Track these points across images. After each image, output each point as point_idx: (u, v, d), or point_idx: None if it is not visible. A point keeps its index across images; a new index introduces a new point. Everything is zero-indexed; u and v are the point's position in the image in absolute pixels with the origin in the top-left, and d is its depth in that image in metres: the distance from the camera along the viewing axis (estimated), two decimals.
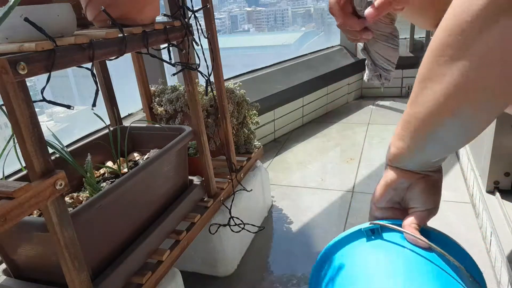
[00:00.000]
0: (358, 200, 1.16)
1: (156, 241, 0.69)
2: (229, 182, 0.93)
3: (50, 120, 1.36)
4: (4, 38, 0.45)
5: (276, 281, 0.88)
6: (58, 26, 0.48)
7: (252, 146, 1.08)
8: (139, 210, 0.68)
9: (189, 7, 0.73)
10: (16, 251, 0.57)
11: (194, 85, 0.76)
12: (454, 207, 1.07)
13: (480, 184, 1.00)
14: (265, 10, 5.35)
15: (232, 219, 0.88)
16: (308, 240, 1.01)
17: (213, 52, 0.84)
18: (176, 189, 0.79)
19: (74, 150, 0.76)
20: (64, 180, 0.45)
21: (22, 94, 0.40)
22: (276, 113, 1.66)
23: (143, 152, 0.87)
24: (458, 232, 0.95)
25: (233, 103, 1.01)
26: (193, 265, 0.91)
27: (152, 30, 0.62)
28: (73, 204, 0.66)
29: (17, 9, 0.42)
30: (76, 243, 0.48)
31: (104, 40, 0.52)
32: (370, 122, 1.78)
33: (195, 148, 0.96)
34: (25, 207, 0.40)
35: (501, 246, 0.78)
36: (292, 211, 1.14)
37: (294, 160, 1.47)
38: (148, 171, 0.67)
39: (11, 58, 0.39)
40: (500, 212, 0.87)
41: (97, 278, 0.57)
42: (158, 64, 1.25)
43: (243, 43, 3.19)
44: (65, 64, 0.46)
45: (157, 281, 0.66)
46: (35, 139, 0.42)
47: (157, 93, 1.05)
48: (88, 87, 1.22)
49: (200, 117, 0.79)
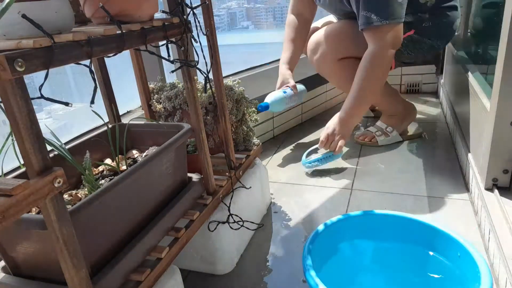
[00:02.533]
0: (357, 197, 1.16)
1: (155, 238, 0.69)
2: (228, 179, 0.93)
3: (48, 117, 1.35)
4: (2, 35, 0.45)
5: (276, 278, 0.88)
6: (56, 23, 0.48)
7: (251, 144, 1.08)
8: (138, 207, 0.68)
9: (188, 4, 0.72)
10: (14, 249, 0.57)
11: (193, 82, 0.76)
12: (453, 204, 1.08)
13: (479, 181, 1.00)
14: (264, 7, 5.36)
15: (231, 216, 0.88)
16: (306, 237, 1.01)
17: (212, 49, 0.84)
18: (175, 186, 0.79)
19: (73, 148, 0.76)
20: (63, 178, 0.45)
21: (20, 91, 0.40)
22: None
23: (142, 150, 0.87)
24: (456, 229, 0.95)
25: (232, 101, 1.01)
26: (192, 262, 0.91)
27: (150, 27, 0.62)
28: (71, 201, 0.66)
29: (15, 6, 0.42)
30: (75, 240, 0.48)
31: (102, 37, 0.52)
32: (370, 119, 1.78)
33: (194, 145, 0.96)
34: (24, 204, 0.40)
35: (499, 244, 0.78)
36: (291, 208, 1.14)
37: (294, 158, 1.47)
38: (147, 169, 0.67)
39: (9, 55, 0.39)
40: (499, 210, 0.88)
41: (96, 275, 0.57)
42: (157, 61, 1.25)
43: (242, 40, 3.19)
44: (63, 61, 0.46)
45: (156, 278, 0.66)
46: (33, 136, 0.42)
47: (155, 90, 1.04)
48: (87, 84, 1.22)
49: (199, 114, 0.79)
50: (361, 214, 0.75)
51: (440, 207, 1.07)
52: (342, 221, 0.73)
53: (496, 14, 1.24)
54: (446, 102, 1.71)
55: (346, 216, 0.74)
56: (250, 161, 1.06)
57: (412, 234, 0.71)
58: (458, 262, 0.64)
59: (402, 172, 1.28)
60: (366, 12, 1.19)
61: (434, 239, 0.69)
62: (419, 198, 1.12)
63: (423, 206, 1.08)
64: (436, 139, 1.53)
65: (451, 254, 0.66)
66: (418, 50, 1.42)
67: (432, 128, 1.63)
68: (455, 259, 0.65)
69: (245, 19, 4.20)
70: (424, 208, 1.07)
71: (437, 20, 1.35)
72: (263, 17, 4.56)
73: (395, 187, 1.19)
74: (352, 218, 0.74)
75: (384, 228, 0.74)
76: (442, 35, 1.39)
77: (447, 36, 1.41)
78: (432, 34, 1.37)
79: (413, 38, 1.37)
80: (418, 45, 1.39)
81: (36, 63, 0.42)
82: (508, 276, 0.71)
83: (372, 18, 1.19)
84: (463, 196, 1.11)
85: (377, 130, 1.52)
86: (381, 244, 0.74)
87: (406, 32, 1.35)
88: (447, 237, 0.67)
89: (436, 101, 1.96)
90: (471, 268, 0.60)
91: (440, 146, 1.47)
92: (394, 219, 0.73)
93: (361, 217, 0.74)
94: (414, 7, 1.32)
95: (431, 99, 1.99)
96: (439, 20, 1.35)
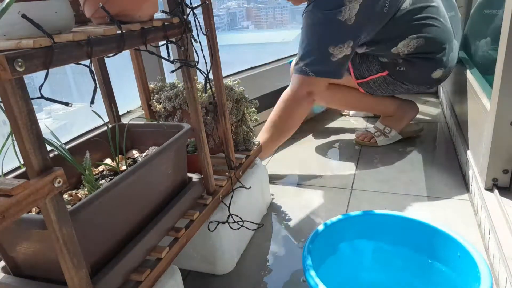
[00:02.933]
0: (357, 197, 1.16)
1: (155, 238, 0.69)
2: (228, 179, 0.93)
3: (48, 117, 1.35)
4: (2, 35, 0.45)
5: (276, 278, 0.88)
6: (56, 22, 0.48)
7: (251, 144, 1.08)
8: (138, 207, 0.68)
9: (188, 4, 0.72)
10: (14, 249, 0.57)
11: (193, 82, 0.76)
12: (453, 204, 1.08)
13: (479, 181, 1.00)
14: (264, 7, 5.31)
15: (231, 216, 0.88)
16: (306, 237, 1.01)
17: (212, 49, 0.84)
18: (175, 186, 0.79)
19: (73, 148, 0.76)
20: (63, 178, 0.45)
21: (20, 91, 0.40)
22: None
23: (142, 150, 0.87)
24: (456, 229, 0.95)
25: (232, 101, 1.01)
26: (192, 262, 0.91)
27: (150, 27, 0.62)
28: (71, 201, 0.66)
29: (15, 6, 0.42)
30: (75, 240, 0.48)
31: (102, 37, 0.52)
32: (370, 119, 1.78)
33: (194, 145, 0.96)
34: (24, 204, 0.40)
35: (499, 244, 0.78)
36: (291, 208, 1.14)
37: (293, 158, 1.47)
38: (147, 169, 0.67)
39: (9, 55, 0.39)
40: (499, 210, 0.88)
41: (96, 275, 0.57)
42: (157, 61, 1.25)
43: (242, 40, 3.18)
44: (63, 61, 0.46)
45: (156, 278, 0.66)
46: (33, 136, 0.42)
47: (155, 90, 1.04)
48: (87, 84, 1.22)
49: (199, 114, 0.79)
50: (361, 214, 0.75)
51: (440, 207, 1.07)
52: (342, 221, 0.73)
53: (496, 14, 1.24)
54: (446, 102, 1.71)
55: (346, 216, 0.74)
56: (250, 161, 1.06)
57: (412, 234, 0.71)
58: (458, 262, 0.64)
59: (402, 172, 1.28)
60: (299, 54, 1.20)
61: (434, 239, 0.69)
62: (419, 198, 1.12)
63: (423, 206, 1.08)
64: (436, 139, 1.53)
65: (451, 254, 0.66)
66: (393, 91, 1.39)
67: (432, 128, 1.63)
68: (455, 259, 0.65)
69: (245, 19, 4.20)
70: (424, 208, 1.07)
71: (411, 68, 1.30)
72: (263, 17, 4.56)
73: (395, 187, 1.19)
74: (352, 218, 0.74)
75: (384, 228, 0.73)
76: (418, 81, 1.34)
77: (425, 84, 1.36)
78: (407, 79, 1.33)
79: (387, 80, 1.34)
80: (392, 86, 1.37)
81: (36, 63, 0.42)
82: (508, 276, 0.71)
83: (298, 63, 1.20)
84: (463, 196, 1.11)
85: (376, 131, 1.52)
86: (381, 244, 0.74)
87: (379, 72, 1.33)
88: (447, 237, 0.67)
89: (436, 101, 1.96)
90: (471, 268, 0.60)
91: (440, 146, 1.47)
92: (394, 219, 0.73)
93: (361, 217, 0.74)
94: (388, 55, 1.29)
95: (431, 99, 1.99)
96: (414, 68, 1.30)
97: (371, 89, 1.40)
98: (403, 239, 0.72)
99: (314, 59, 1.19)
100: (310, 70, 1.20)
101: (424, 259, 0.71)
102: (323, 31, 1.17)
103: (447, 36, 1.29)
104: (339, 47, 1.17)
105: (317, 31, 1.18)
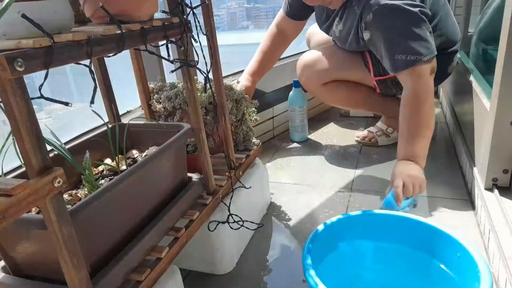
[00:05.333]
0: (357, 198, 1.16)
1: (155, 238, 0.69)
2: (228, 179, 0.93)
3: (48, 117, 1.35)
4: (2, 35, 0.45)
5: (276, 278, 0.88)
6: (56, 22, 0.48)
7: (251, 144, 1.08)
8: (138, 207, 0.68)
9: (188, 4, 0.72)
10: (14, 249, 0.57)
11: (193, 82, 0.76)
12: (453, 204, 1.08)
13: (479, 181, 1.00)
14: (264, 7, 5.29)
15: (231, 216, 0.88)
16: (306, 237, 1.01)
17: (212, 49, 0.84)
18: (175, 186, 0.79)
19: (73, 147, 0.76)
20: (63, 178, 0.45)
21: (20, 91, 0.40)
22: (275, 110, 1.65)
23: (142, 150, 0.87)
24: (456, 229, 0.95)
25: (232, 100, 1.01)
26: (192, 262, 0.91)
27: (150, 27, 0.62)
28: (71, 201, 0.66)
29: (15, 6, 0.42)
30: (74, 240, 0.48)
31: (102, 36, 0.52)
32: (369, 119, 1.78)
33: (194, 145, 0.96)
34: (23, 204, 0.40)
35: (499, 243, 0.78)
36: (291, 208, 1.14)
37: (294, 158, 1.47)
38: (146, 169, 0.67)
39: (9, 55, 0.39)
40: (499, 209, 0.88)
41: (96, 275, 0.57)
42: (157, 61, 1.25)
43: (242, 40, 3.16)
44: (63, 61, 0.46)
45: (156, 278, 0.66)
46: (33, 136, 0.42)
47: (155, 90, 1.04)
48: (87, 84, 1.22)
49: (198, 114, 0.79)
50: (361, 214, 0.75)
51: (440, 207, 1.07)
52: (342, 221, 0.73)
53: (496, 14, 1.24)
54: (446, 102, 1.71)
55: (346, 216, 0.74)
56: (250, 161, 1.06)
57: (412, 234, 0.71)
58: (458, 262, 0.64)
59: None
60: (401, 56, 1.12)
61: (434, 239, 0.69)
62: (419, 198, 1.12)
63: (423, 206, 1.08)
64: (436, 139, 1.53)
65: (451, 254, 0.66)
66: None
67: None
68: (455, 259, 0.65)
69: (245, 19, 4.20)
70: (424, 208, 1.07)
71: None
72: (263, 17, 4.56)
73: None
74: (352, 218, 0.74)
75: (384, 228, 0.73)
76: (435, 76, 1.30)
77: (440, 79, 1.36)
78: None
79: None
80: None
81: (36, 63, 0.42)
82: (508, 276, 0.71)
83: (410, 60, 1.12)
84: (463, 196, 1.11)
85: (377, 131, 1.52)
86: (381, 244, 0.74)
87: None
88: (447, 237, 0.67)
89: (436, 101, 1.96)
90: (471, 268, 0.60)
91: (440, 146, 1.47)
92: (394, 219, 0.73)
93: (361, 217, 0.74)
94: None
95: None
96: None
97: (388, 88, 1.39)
98: (403, 239, 0.72)
99: (415, 45, 1.12)
100: (417, 56, 1.11)
101: (424, 259, 0.70)
102: (399, 23, 1.13)
103: (457, 31, 1.33)
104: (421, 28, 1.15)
105: (395, 27, 1.16)
